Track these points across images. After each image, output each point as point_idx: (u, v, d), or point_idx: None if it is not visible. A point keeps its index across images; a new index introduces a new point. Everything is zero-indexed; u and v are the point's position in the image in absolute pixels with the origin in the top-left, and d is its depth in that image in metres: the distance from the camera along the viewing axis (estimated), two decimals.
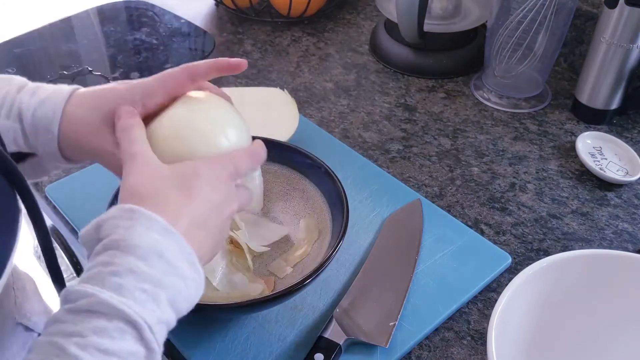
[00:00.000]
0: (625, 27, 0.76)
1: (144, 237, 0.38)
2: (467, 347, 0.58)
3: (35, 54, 0.94)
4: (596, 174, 0.76)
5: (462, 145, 0.81)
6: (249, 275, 0.60)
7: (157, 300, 0.38)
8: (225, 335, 0.56)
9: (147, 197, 0.42)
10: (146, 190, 0.42)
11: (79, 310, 0.36)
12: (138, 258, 0.38)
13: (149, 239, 0.39)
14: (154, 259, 0.38)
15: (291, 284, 0.52)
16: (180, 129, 0.47)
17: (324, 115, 0.86)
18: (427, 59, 0.95)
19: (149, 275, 0.38)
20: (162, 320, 0.38)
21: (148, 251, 0.38)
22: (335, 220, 0.60)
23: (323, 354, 0.53)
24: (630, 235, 0.69)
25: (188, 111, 0.48)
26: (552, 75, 0.95)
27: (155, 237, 0.39)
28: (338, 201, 0.61)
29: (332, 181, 0.62)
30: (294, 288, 0.52)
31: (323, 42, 1.03)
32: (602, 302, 0.54)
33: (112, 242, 0.38)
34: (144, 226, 0.39)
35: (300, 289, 0.52)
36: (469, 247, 0.65)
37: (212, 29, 1.06)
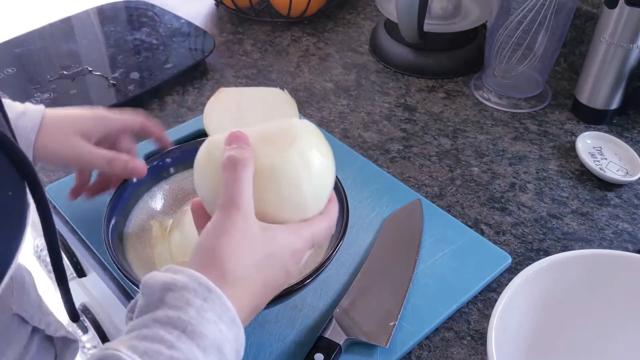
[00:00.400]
0: (625, 27, 0.76)
1: (213, 327, 0.37)
2: (467, 347, 0.58)
3: (35, 54, 0.94)
4: (596, 174, 0.76)
5: (462, 145, 0.81)
6: None
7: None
8: None
9: (230, 276, 0.40)
10: (234, 269, 0.41)
11: None
12: (201, 349, 0.37)
13: (215, 329, 0.38)
14: (212, 352, 0.37)
15: (291, 284, 0.52)
16: (278, 184, 0.45)
17: (324, 115, 0.86)
18: (427, 59, 0.95)
19: (215, 341, 0.37)
20: None
21: (211, 344, 0.37)
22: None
23: (323, 354, 0.53)
24: (630, 235, 0.69)
25: (289, 160, 0.45)
26: (552, 75, 0.95)
27: (221, 328, 0.38)
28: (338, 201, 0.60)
29: None
30: (294, 288, 0.52)
31: (323, 42, 1.03)
32: (602, 302, 0.54)
33: (180, 321, 0.37)
34: (216, 314, 0.38)
35: (300, 289, 0.52)
36: (469, 247, 0.65)
37: (212, 29, 1.06)
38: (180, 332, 0.36)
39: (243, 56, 0.99)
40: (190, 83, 0.92)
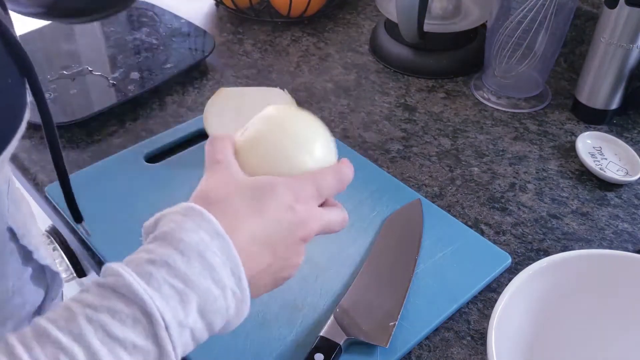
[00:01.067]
0: (625, 27, 0.76)
1: (191, 233, 0.38)
2: (467, 347, 0.58)
3: (35, 54, 0.94)
4: (596, 174, 0.76)
5: (462, 145, 0.81)
6: None
7: (184, 301, 0.36)
8: (225, 335, 0.56)
9: (215, 201, 0.41)
10: (216, 194, 0.42)
11: (105, 286, 0.36)
12: (178, 252, 0.37)
13: (195, 236, 0.38)
14: (193, 256, 0.37)
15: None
16: (263, 148, 0.47)
17: (324, 115, 0.86)
18: (427, 59, 0.95)
19: (182, 272, 0.36)
20: (184, 324, 0.36)
21: (190, 247, 0.37)
22: None
23: (323, 354, 0.53)
24: (630, 235, 0.69)
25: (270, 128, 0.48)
26: (552, 75, 0.95)
27: (202, 236, 0.38)
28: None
29: None
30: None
31: (323, 42, 1.03)
32: (602, 302, 0.54)
33: (161, 233, 0.38)
34: (195, 223, 0.38)
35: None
36: (469, 247, 0.65)
37: (212, 29, 1.06)
38: (159, 241, 0.38)
39: (243, 56, 0.99)
40: (190, 83, 0.92)
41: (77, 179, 0.73)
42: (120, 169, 0.74)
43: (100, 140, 0.81)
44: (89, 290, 0.36)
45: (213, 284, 0.37)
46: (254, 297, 0.41)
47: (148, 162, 0.76)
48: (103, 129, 0.82)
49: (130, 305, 0.35)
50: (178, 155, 0.77)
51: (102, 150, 0.79)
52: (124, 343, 0.34)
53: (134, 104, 0.86)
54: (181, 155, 0.77)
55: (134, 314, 0.35)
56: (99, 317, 0.34)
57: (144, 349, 0.35)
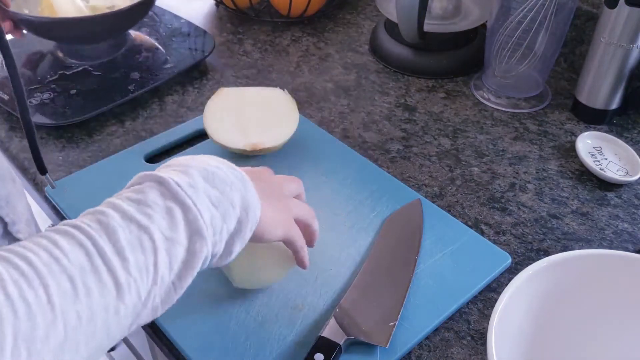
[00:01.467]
0: (625, 27, 0.77)
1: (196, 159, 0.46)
2: (467, 347, 0.58)
3: (35, 54, 0.94)
4: (596, 174, 0.76)
5: (462, 145, 0.81)
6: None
7: (186, 173, 0.42)
8: (225, 335, 0.56)
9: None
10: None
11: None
12: (181, 161, 0.45)
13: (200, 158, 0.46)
14: (196, 161, 0.45)
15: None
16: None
17: (324, 115, 0.86)
18: (427, 59, 0.95)
19: (183, 162, 0.44)
20: (194, 185, 0.41)
21: (195, 160, 0.45)
22: None
23: (323, 354, 0.53)
24: (630, 235, 0.69)
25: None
26: (552, 75, 0.95)
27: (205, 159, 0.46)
28: None
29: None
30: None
31: (323, 42, 1.03)
32: (602, 302, 0.54)
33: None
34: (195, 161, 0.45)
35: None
36: (469, 247, 0.65)
37: (212, 29, 1.06)
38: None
39: (243, 56, 0.99)
40: (190, 83, 0.92)
41: (77, 179, 0.73)
42: (120, 169, 0.73)
43: (100, 140, 0.81)
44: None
45: (209, 160, 0.45)
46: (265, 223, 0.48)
47: (148, 162, 0.76)
48: (103, 129, 0.82)
49: (145, 180, 0.42)
50: (178, 155, 0.77)
51: (102, 150, 0.79)
52: (147, 202, 0.39)
53: (134, 104, 0.86)
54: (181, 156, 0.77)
55: (149, 184, 0.41)
56: (124, 196, 0.40)
57: (166, 206, 0.40)
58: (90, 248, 0.35)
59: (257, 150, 0.74)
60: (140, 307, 0.38)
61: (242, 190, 0.44)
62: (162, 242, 0.38)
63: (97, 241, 0.36)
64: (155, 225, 0.38)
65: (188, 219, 0.40)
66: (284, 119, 0.77)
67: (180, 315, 0.58)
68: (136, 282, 0.36)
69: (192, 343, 0.56)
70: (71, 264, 0.34)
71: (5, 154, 0.81)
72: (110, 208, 0.39)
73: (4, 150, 0.81)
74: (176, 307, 0.59)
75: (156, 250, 0.38)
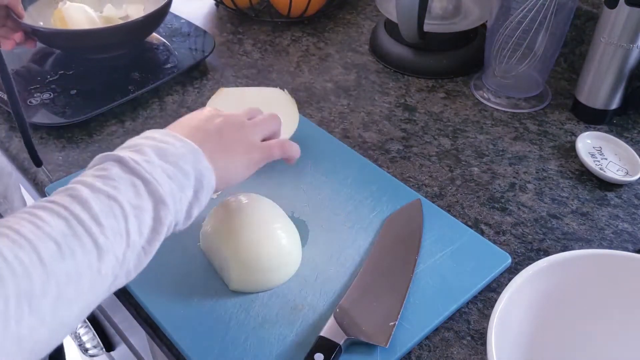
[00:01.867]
0: (625, 27, 0.77)
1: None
2: (467, 347, 0.58)
3: (35, 54, 0.94)
4: (596, 174, 0.76)
5: (462, 145, 0.81)
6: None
7: (141, 151, 0.46)
8: (225, 335, 0.56)
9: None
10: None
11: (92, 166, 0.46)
12: (137, 140, 0.49)
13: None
14: (149, 138, 0.49)
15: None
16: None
17: (324, 115, 0.86)
18: (427, 59, 0.95)
19: (138, 143, 0.48)
20: (148, 161, 0.45)
21: (145, 137, 0.49)
22: None
23: (323, 354, 0.53)
24: (630, 235, 0.69)
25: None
26: (552, 75, 0.95)
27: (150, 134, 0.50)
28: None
29: None
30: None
31: (323, 42, 1.03)
32: (602, 302, 0.54)
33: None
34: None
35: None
36: (469, 247, 0.65)
37: (212, 29, 1.06)
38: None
39: (243, 56, 0.99)
40: (190, 83, 0.92)
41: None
42: None
43: (101, 140, 0.81)
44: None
45: (163, 142, 0.48)
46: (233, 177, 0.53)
47: None
48: (103, 129, 0.82)
49: (105, 160, 0.45)
50: None
51: (102, 150, 0.79)
52: (112, 177, 0.43)
53: (134, 104, 0.86)
54: None
55: (111, 163, 0.44)
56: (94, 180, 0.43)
57: (129, 179, 0.43)
58: (68, 216, 0.39)
59: None
60: (118, 269, 0.41)
61: (193, 162, 0.48)
62: (130, 209, 0.42)
63: (73, 210, 0.39)
64: (122, 195, 0.42)
65: (150, 190, 0.43)
66: (284, 119, 0.77)
67: (180, 315, 0.58)
68: (113, 245, 0.40)
69: (192, 343, 0.56)
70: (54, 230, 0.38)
71: (5, 153, 0.81)
72: (78, 184, 0.42)
73: (4, 150, 0.81)
74: (176, 307, 0.59)
75: (126, 217, 0.41)
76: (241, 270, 0.59)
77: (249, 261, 0.59)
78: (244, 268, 0.59)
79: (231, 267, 0.59)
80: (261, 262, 0.59)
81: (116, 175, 0.43)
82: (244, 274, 0.59)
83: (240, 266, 0.59)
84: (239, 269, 0.59)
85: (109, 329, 0.98)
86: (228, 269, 0.59)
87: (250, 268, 0.59)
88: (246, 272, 0.59)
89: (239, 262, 0.59)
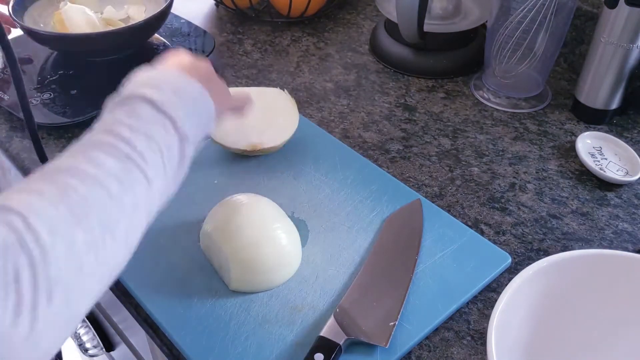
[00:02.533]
0: (625, 27, 0.77)
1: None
2: (467, 347, 0.58)
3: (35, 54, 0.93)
4: (596, 174, 0.76)
5: (462, 145, 0.81)
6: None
7: (160, 89, 0.49)
8: (225, 335, 0.57)
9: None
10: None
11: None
12: (152, 77, 0.52)
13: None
14: (164, 75, 0.52)
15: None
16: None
17: (324, 115, 0.86)
18: (427, 59, 0.95)
19: (155, 79, 0.51)
20: (170, 101, 0.48)
21: (158, 72, 0.52)
22: None
23: (323, 354, 0.53)
24: (630, 235, 0.69)
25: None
26: (552, 75, 0.95)
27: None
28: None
29: None
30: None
31: (323, 42, 1.03)
32: (602, 302, 0.54)
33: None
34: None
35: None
36: (469, 247, 0.65)
37: (212, 29, 1.06)
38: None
39: (243, 56, 0.99)
40: None
41: None
42: None
43: None
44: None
45: (179, 82, 0.51)
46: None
47: None
48: None
49: (133, 99, 0.48)
50: None
51: None
52: (143, 118, 0.47)
53: None
54: None
55: (140, 105, 0.48)
56: (129, 121, 0.47)
57: (159, 119, 0.47)
58: (121, 155, 0.44)
59: (257, 151, 0.74)
60: (158, 199, 0.47)
61: (205, 104, 0.53)
62: (163, 146, 0.46)
63: (123, 149, 0.44)
64: (156, 133, 0.46)
65: (176, 128, 0.48)
66: (284, 119, 0.77)
67: (180, 315, 0.58)
68: (156, 178, 0.45)
69: (192, 343, 0.56)
70: (113, 168, 0.43)
71: (6, 154, 0.81)
72: (117, 125, 0.46)
73: (4, 150, 0.81)
74: (176, 307, 0.59)
75: (162, 153, 0.46)
76: (241, 270, 0.59)
77: (248, 261, 0.59)
78: (244, 268, 0.59)
79: (231, 267, 0.59)
80: (261, 262, 0.59)
81: (148, 115, 0.47)
82: (243, 274, 0.59)
83: (240, 266, 0.59)
84: (239, 269, 0.59)
85: (109, 328, 0.98)
86: (228, 269, 0.60)
87: (250, 268, 0.59)
88: (246, 272, 0.59)
89: (238, 262, 0.59)
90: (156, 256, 0.64)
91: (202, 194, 0.71)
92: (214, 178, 0.73)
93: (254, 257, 0.59)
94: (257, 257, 0.59)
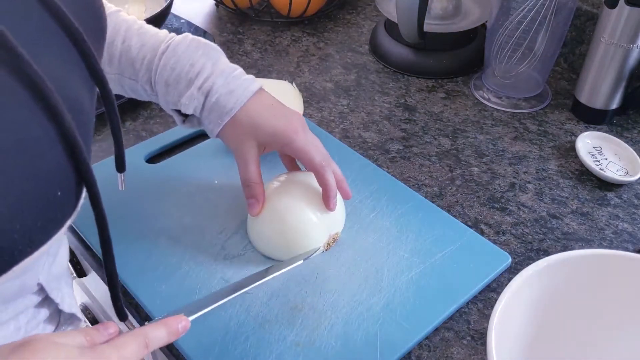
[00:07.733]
0: (625, 27, 0.77)
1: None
2: (467, 347, 0.58)
3: None
4: (596, 174, 0.76)
5: (462, 145, 0.81)
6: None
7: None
8: (225, 335, 0.57)
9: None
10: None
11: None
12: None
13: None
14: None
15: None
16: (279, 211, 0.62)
17: (324, 115, 0.86)
18: (427, 59, 0.95)
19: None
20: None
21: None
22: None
23: None
24: (630, 235, 0.69)
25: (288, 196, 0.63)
26: (552, 75, 0.95)
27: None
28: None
29: None
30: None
31: (323, 42, 1.03)
32: (602, 302, 0.54)
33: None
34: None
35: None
36: (469, 247, 0.65)
37: (212, 29, 1.06)
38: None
39: (243, 56, 0.99)
40: None
41: None
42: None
43: (101, 140, 0.81)
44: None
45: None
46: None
47: (148, 162, 0.76)
48: (103, 129, 0.82)
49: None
50: (178, 156, 0.77)
51: (103, 150, 0.79)
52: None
53: (134, 104, 0.86)
54: (181, 156, 0.77)
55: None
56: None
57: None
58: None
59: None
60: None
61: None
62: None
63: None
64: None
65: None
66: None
67: None
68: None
69: (192, 343, 0.56)
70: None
71: None
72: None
73: None
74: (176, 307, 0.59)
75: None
76: (272, 229, 0.62)
77: (280, 222, 0.62)
78: (275, 227, 0.62)
79: (264, 231, 0.63)
80: (290, 225, 0.62)
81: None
82: (273, 232, 0.62)
83: (273, 225, 0.62)
84: (271, 228, 0.62)
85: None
86: (259, 233, 0.63)
87: (279, 229, 0.62)
88: (280, 235, 0.62)
89: (272, 225, 0.62)
90: (156, 256, 0.64)
91: (202, 194, 0.71)
92: (214, 178, 0.73)
93: (286, 220, 0.62)
94: (289, 220, 0.62)
